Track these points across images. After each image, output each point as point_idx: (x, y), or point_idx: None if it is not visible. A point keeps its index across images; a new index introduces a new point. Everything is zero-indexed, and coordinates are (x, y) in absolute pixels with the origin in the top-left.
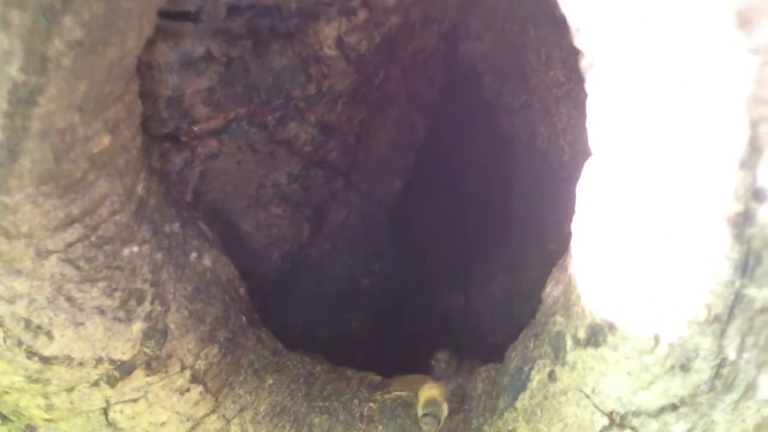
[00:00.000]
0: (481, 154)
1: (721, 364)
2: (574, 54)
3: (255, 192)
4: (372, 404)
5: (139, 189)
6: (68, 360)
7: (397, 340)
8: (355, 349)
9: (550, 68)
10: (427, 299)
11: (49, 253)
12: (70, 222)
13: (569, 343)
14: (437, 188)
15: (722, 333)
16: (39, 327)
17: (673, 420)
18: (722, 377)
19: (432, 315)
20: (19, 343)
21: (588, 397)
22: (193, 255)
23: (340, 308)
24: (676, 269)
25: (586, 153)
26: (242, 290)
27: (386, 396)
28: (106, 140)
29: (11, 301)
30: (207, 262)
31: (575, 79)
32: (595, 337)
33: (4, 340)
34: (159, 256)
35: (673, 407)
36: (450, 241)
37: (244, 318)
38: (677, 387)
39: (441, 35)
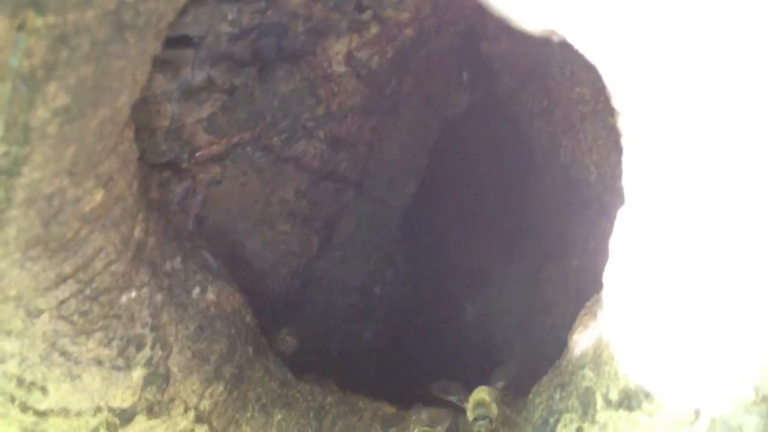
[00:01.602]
0: (497, 156)
1: None
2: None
3: (261, 211)
4: None
5: (137, 233)
6: (65, 412)
7: (410, 349)
8: (367, 359)
9: (575, 84)
10: (441, 307)
11: (41, 311)
12: (62, 280)
13: (600, 402)
14: (451, 192)
15: None
16: (32, 383)
17: None
18: None
19: (446, 324)
20: (12, 399)
21: None
22: (196, 291)
23: (351, 319)
24: (722, 345)
25: (614, 176)
26: (249, 318)
27: None
28: (98, 197)
29: (1, 360)
30: (211, 295)
31: (603, 101)
32: (629, 401)
33: None
34: (159, 297)
35: None
36: (465, 248)
37: (250, 349)
38: None
39: (457, 34)
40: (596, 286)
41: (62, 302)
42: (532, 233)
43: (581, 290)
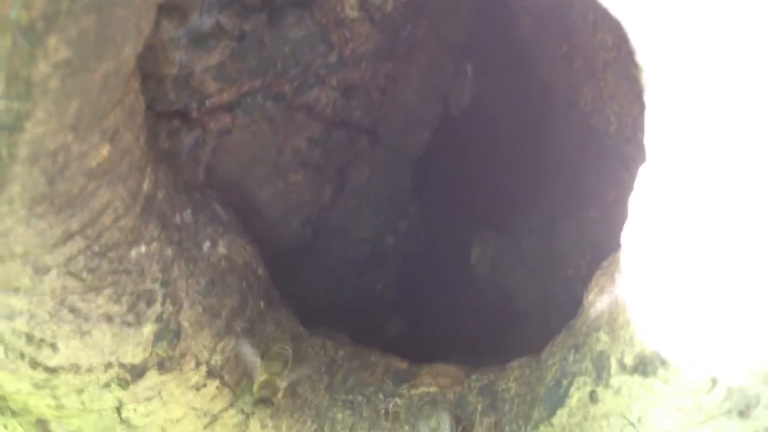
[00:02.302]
0: (515, 100)
1: None
2: None
3: (273, 160)
4: (398, 399)
5: (145, 186)
6: (75, 368)
7: (423, 301)
8: (380, 312)
9: (597, 31)
10: (455, 258)
11: (48, 268)
12: (69, 236)
13: (614, 366)
14: (467, 137)
15: None
16: (42, 340)
17: None
18: None
19: (460, 274)
20: (22, 356)
21: (633, 425)
22: (207, 244)
23: (364, 269)
24: (742, 315)
25: (634, 128)
26: (260, 270)
27: (413, 391)
28: (104, 151)
29: (10, 317)
30: (222, 249)
31: (627, 49)
32: (644, 366)
33: (6, 354)
34: (169, 251)
35: None
36: (480, 198)
37: (262, 302)
38: (734, 430)
39: None
40: (613, 239)
41: (70, 259)
42: (550, 183)
43: (597, 243)
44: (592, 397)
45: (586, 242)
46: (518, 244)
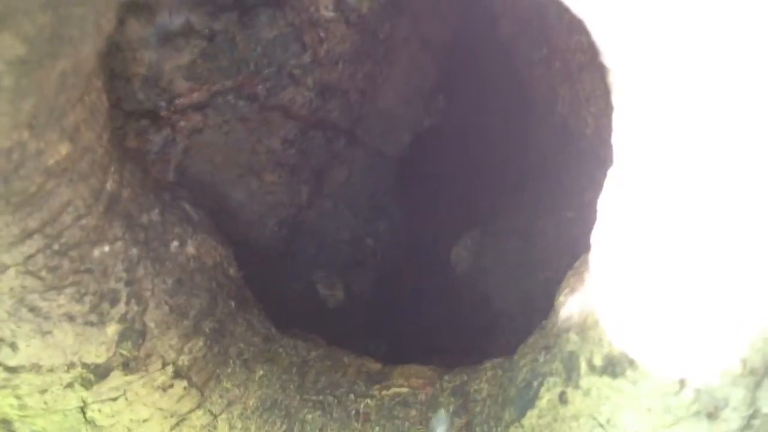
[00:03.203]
0: (497, 106)
1: (753, 416)
2: None
3: (247, 160)
4: (369, 401)
5: (109, 185)
6: (37, 368)
7: (402, 303)
8: (356, 314)
9: (572, 32)
10: (435, 260)
11: (6, 267)
12: (27, 235)
13: (583, 367)
14: (449, 140)
15: (757, 386)
16: (1, 339)
17: None
18: (753, 428)
19: (440, 277)
20: None
21: (602, 426)
22: (175, 244)
23: (342, 271)
24: (710, 316)
25: (611, 129)
26: (232, 271)
27: (384, 393)
28: (63, 149)
29: None
30: (190, 249)
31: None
32: (613, 367)
33: None
34: (134, 251)
35: None
36: (461, 199)
37: (233, 303)
38: None
39: None
40: (588, 241)
41: (29, 257)
42: (530, 184)
43: (575, 244)
44: (562, 399)
45: (564, 244)
46: (498, 245)
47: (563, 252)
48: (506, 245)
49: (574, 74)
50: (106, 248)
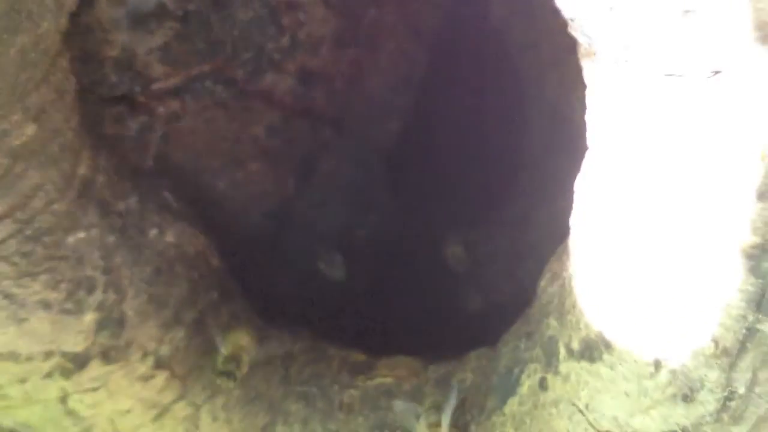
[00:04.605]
0: (488, 92)
1: (729, 397)
2: None
3: (230, 149)
4: (353, 391)
5: (82, 170)
6: (14, 356)
7: (392, 295)
8: (346, 307)
9: (557, 13)
10: (426, 252)
11: None
12: None
13: (562, 352)
14: (440, 128)
15: (731, 366)
16: None
17: None
18: (730, 410)
19: (433, 268)
20: None
21: (581, 412)
22: (153, 232)
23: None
24: (681, 296)
25: None
26: (215, 261)
27: (368, 382)
28: (29, 130)
29: None
30: (170, 237)
31: None
32: (590, 351)
33: None
34: (111, 239)
35: None
36: (453, 190)
37: (215, 293)
38: (679, 415)
39: None
40: None
41: (1, 242)
42: (523, 174)
43: (566, 232)
44: (542, 385)
45: (557, 233)
46: (493, 237)
47: (557, 242)
48: (499, 237)
49: (562, 57)
50: (81, 235)
